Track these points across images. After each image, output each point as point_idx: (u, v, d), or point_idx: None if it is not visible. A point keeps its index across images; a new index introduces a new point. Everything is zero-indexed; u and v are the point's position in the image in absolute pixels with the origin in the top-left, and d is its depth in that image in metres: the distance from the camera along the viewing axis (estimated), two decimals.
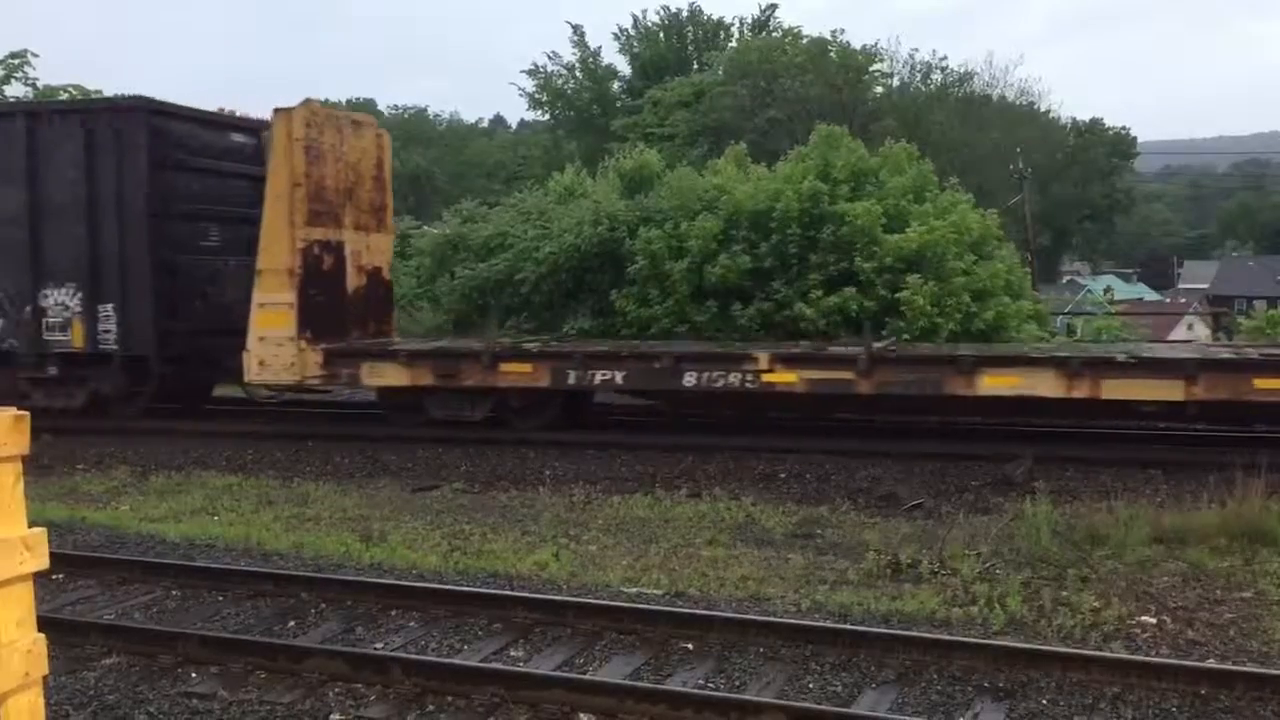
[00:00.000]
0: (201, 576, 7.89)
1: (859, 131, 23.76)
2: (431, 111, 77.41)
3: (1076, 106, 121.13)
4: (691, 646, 6.39)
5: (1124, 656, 6.05)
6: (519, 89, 46.74)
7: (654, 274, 17.29)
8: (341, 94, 68.42)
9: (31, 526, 3.02)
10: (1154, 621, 6.82)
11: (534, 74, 43.35)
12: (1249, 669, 5.80)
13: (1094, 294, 48.19)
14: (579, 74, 43.23)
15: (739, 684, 5.87)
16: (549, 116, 45.02)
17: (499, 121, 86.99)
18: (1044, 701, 5.56)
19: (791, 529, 9.45)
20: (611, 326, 17.39)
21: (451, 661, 6.09)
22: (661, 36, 42.74)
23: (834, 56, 36.45)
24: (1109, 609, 6.95)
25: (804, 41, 38.12)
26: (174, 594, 7.69)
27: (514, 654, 6.40)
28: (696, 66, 40.89)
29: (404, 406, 13.74)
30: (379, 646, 6.51)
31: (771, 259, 17.07)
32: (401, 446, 13.11)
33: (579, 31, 43.09)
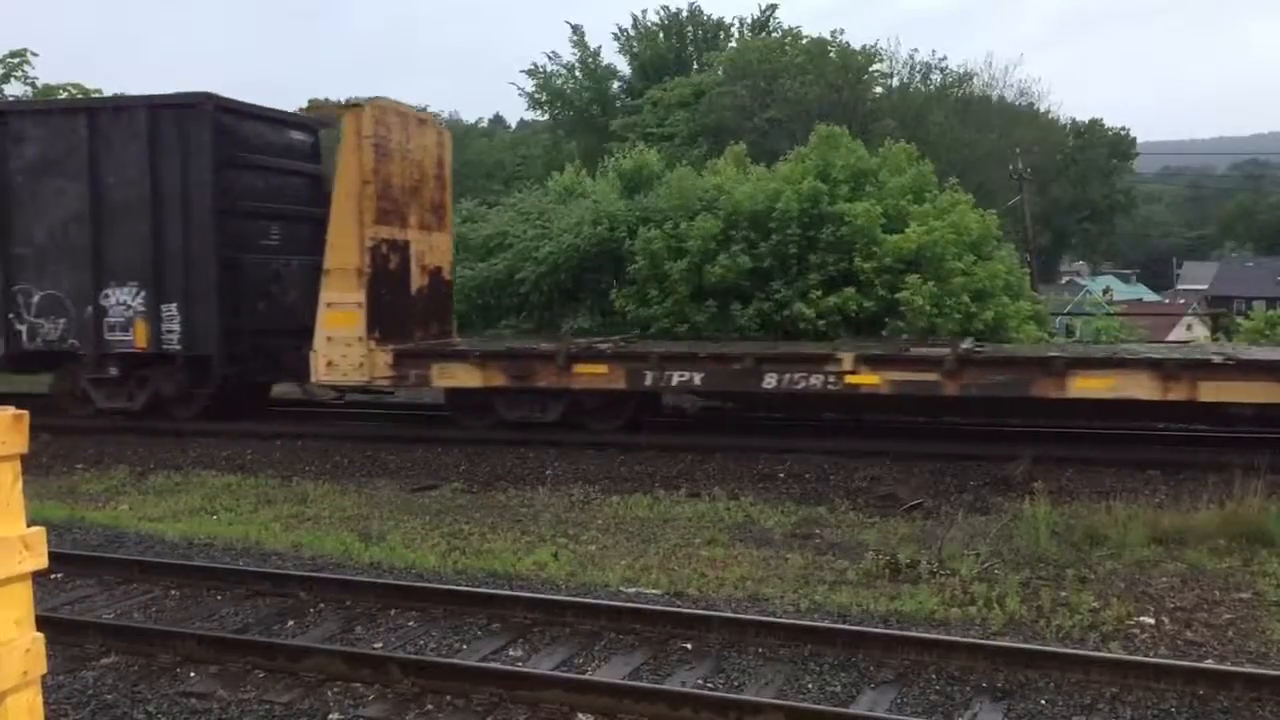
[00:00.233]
0: (200, 576, 7.89)
1: (858, 132, 23.76)
2: (431, 111, 77.40)
3: (1076, 107, 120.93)
4: (690, 646, 6.39)
5: (1122, 657, 6.05)
6: (518, 89, 46.77)
7: (653, 274, 17.31)
8: (341, 93, 68.48)
9: (30, 525, 3.02)
10: (1152, 622, 6.82)
11: (533, 74, 43.33)
12: (1247, 670, 5.80)
13: (1093, 294, 48.17)
14: (579, 74, 43.18)
15: (738, 684, 5.87)
16: (548, 116, 44.98)
17: (498, 121, 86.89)
18: (1042, 702, 5.56)
19: (790, 529, 9.45)
20: (611, 326, 17.40)
21: (450, 661, 6.09)
22: (661, 36, 42.71)
23: (834, 57, 36.45)
24: (1108, 609, 6.96)
25: (804, 42, 38.12)
26: (173, 593, 7.69)
27: (513, 654, 6.39)
28: (696, 66, 40.87)
29: (473, 408, 13.45)
30: (378, 646, 6.51)
31: (771, 259, 17.10)
32: (400, 446, 13.10)
33: (579, 31, 43.05)
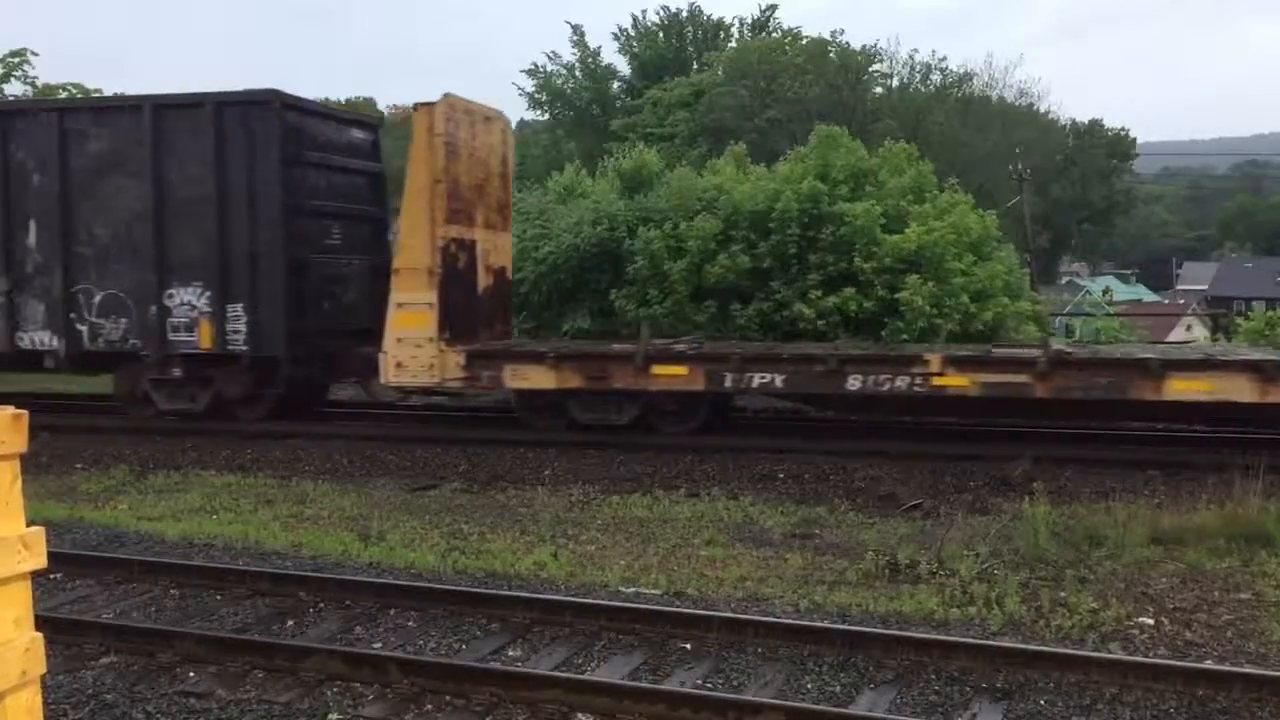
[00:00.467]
0: (200, 575, 7.89)
1: (858, 132, 23.77)
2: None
3: (1076, 107, 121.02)
4: (690, 646, 6.39)
5: (1122, 657, 6.05)
6: (518, 89, 46.68)
7: (653, 274, 17.30)
8: (342, 93, 68.39)
9: (30, 525, 3.02)
10: (1152, 622, 6.82)
11: (533, 74, 43.31)
12: (1247, 670, 5.81)
13: (1093, 295, 48.23)
14: (579, 74, 43.17)
15: (737, 684, 5.87)
16: (549, 116, 44.97)
17: None
18: (1042, 702, 5.56)
19: (790, 529, 9.45)
20: (611, 327, 17.40)
21: (449, 661, 6.09)
22: (661, 36, 42.71)
23: (833, 57, 36.48)
24: (1107, 610, 6.96)
25: (803, 42, 38.16)
26: (172, 593, 7.69)
27: (512, 653, 6.39)
28: (696, 66, 40.87)
29: (544, 410, 13.22)
30: (377, 646, 6.51)
31: (771, 259, 17.09)
32: (400, 446, 13.10)
33: (579, 31, 43.06)
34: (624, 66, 43.43)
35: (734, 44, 41.16)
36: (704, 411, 12.95)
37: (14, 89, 28.50)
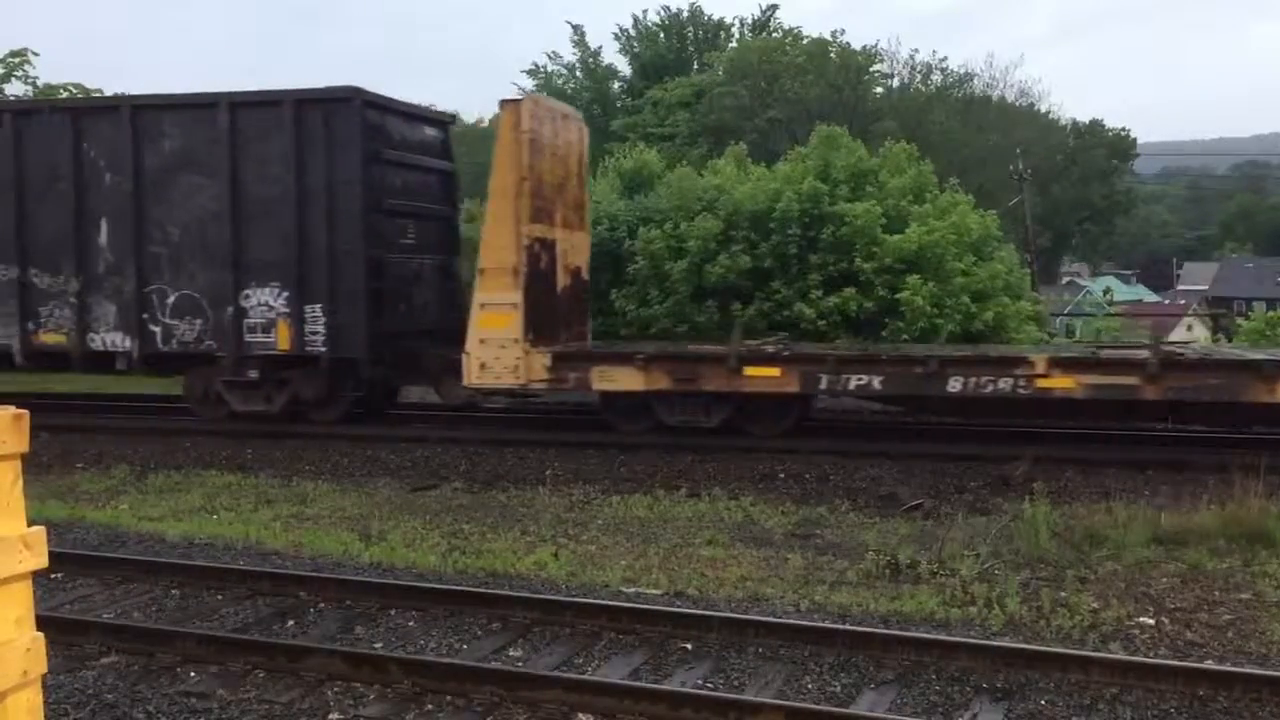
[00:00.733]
0: (200, 575, 7.89)
1: (859, 132, 23.76)
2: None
3: (1076, 107, 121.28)
4: (690, 646, 6.39)
5: (1122, 657, 6.05)
6: (519, 89, 46.66)
7: (654, 274, 17.30)
8: None
9: (31, 525, 3.02)
10: (1153, 622, 6.82)
11: (534, 74, 43.34)
12: (1248, 670, 5.80)
13: (1093, 295, 48.22)
14: (579, 74, 43.19)
15: (738, 684, 5.87)
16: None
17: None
18: (1042, 702, 5.56)
19: (790, 529, 9.45)
20: (612, 327, 17.40)
21: (450, 661, 6.09)
22: (662, 36, 42.70)
23: (834, 57, 36.45)
24: (1108, 610, 6.96)
25: (804, 42, 38.11)
26: (173, 593, 7.69)
27: (513, 654, 6.40)
28: (697, 66, 40.86)
29: (630, 412, 12.95)
30: (378, 646, 6.51)
31: (771, 259, 17.10)
32: (401, 446, 13.10)
33: (579, 31, 43.10)
34: (625, 66, 43.47)
35: (735, 44, 41.15)
36: (795, 413, 12.75)
37: (15, 89, 28.52)
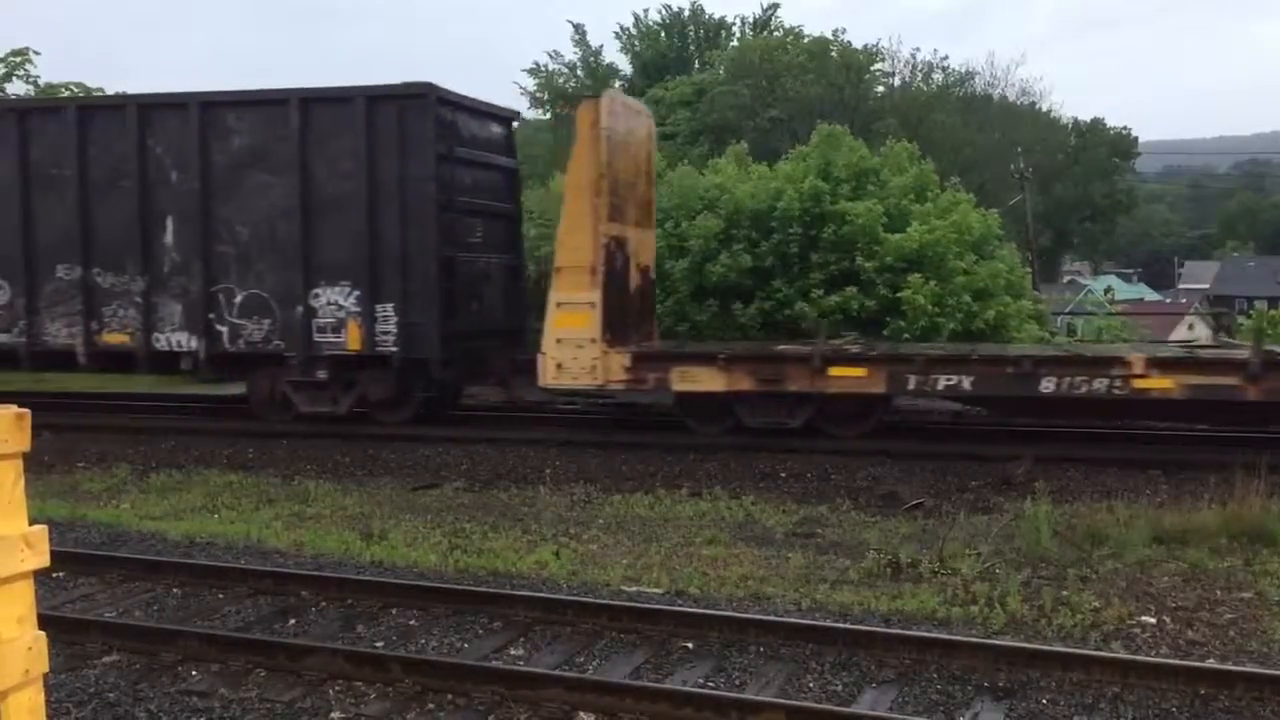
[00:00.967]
0: (202, 574, 7.90)
1: (860, 131, 23.77)
2: None
3: (1077, 106, 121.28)
4: (692, 645, 6.39)
5: (1124, 656, 6.04)
6: (520, 88, 46.64)
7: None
8: None
9: (32, 524, 3.02)
10: (1154, 621, 6.82)
11: (535, 73, 43.40)
12: (1249, 669, 5.80)
13: (1095, 294, 48.12)
14: (580, 73, 43.20)
15: (739, 683, 5.87)
16: (550, 115, 44.99)
17: None
18: (1044, 701, 5.56)
19: (792, 528, 9.45)
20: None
21: (451, 660, 6.09)
22: (663, 35, 42.71)
23: (835, 56, 36.45)
24: (1109, 609, 6.95)
25: (805, 41, 38.11)
26: (174, 592, 7.69)
27: (514, 652, 6.40)
28: (698, 65, 40.87)
29: (710, 414, 12.71)
30: (379, 645, 6.51)
31: (772, 258, 17.10)
32: (402, 445, 13.10)
33: (580, 30, 43.18)
34: (626, 65, 43.49)
35: (735, 43, 41.15)
36: (878, 414, 12.55)
37: (15, 88, 28.52)
